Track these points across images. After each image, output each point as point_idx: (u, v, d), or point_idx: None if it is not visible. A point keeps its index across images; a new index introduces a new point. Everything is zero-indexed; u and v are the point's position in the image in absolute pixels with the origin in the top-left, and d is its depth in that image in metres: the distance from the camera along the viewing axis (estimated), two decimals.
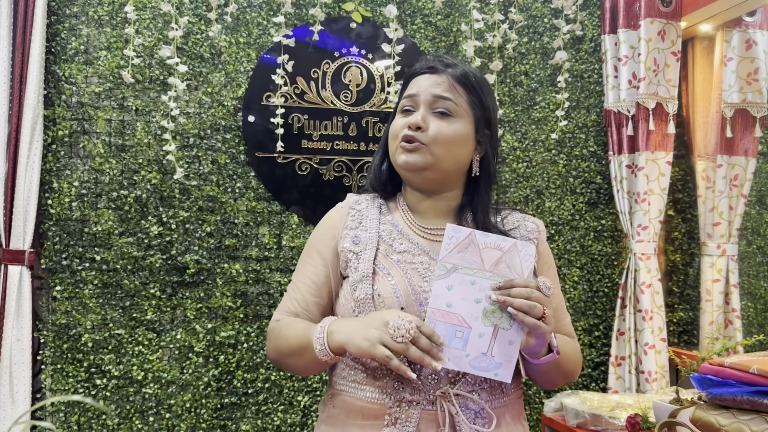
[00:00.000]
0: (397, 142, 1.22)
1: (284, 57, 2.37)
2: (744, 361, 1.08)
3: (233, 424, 2.35)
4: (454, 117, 1.20)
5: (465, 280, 1.05)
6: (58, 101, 2.22)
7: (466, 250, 1.06)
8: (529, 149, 2.66)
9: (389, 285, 1.14)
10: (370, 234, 1.23)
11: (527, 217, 1.31)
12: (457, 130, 1.20)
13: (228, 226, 2.37)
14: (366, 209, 1.29)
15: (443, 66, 1.23)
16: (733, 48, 2.63)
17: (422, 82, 1.23)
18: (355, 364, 1.17)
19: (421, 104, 1.21)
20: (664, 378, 2.54)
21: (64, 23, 2.23)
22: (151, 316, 2.28)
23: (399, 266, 1.17)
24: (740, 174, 2.68)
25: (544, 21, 2.67)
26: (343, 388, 1.19)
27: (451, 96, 1.20)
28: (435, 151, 1.18)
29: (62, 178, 2.22)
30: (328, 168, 2.46)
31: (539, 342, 1.07)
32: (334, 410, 1.20)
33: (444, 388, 1.11)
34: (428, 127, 1.19)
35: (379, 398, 1.13)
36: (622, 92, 2.60)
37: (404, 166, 1.21)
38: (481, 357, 1.05)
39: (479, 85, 1.24)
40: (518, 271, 1.06)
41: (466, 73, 1.23)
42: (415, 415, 1.11)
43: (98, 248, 2.25)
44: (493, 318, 1.05)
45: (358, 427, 1.15)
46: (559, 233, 2.68)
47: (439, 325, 1.05)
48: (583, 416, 2.02)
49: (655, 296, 2.57)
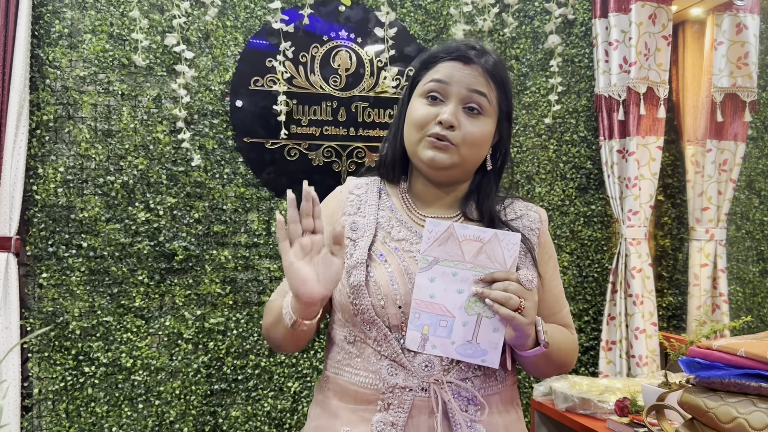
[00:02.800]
0: (423, 134, 1.17)
1: (285, 44, 2.36)
2: (732, 344, 1.08)
3: (223, 410, 2.35)
4: (483, 116, 1.17)
5: (447, 271, 1.08)
6: (43, 86, 2.19)
7: (446, 243, 1.08)
8: (519, 134, 2.65)
9: (385, 272, 1.14)
10: (368, 220, 1.22)
11: (530, 206, 1.29)
12: (485, 131, 1.17)
13: (216, 213, 2.35)
14: (365, 194, 1.27)
15: (477, 55, 1.17)
16: (723, 32, 2.62)
17: (454, 71, 1.17)
18: (350, 348, 1.17)
19: (453, 97, 1.16)
20: (654, 362, 2.55)
21: (48, 6, 2.19)
22: (139, 303, 2.27)
23: (396, 254, 1.17)
24: (729, 159, 2.68)
25: (535, 5, 2.65)
26: (338, 372, 1.19)
27: (486, 91, 1.16)
28: (463, 152, 1.16)
29: (47, 164, 2.19)
30: (317, 154, 2.44)
31: (518, 334, 1.06)
32: (328, 393, 1.20)
33: (437, 376, 1.11)
34: (460, 125, 1.15)
35: (373, 383, 1.13)
36: (613, 77, 2.59)
37: (430, 163, 1.17)
38: (466, 344, 1.08)
39: (506, 77, 1.21)
40: (500, 261, 1.07)
41: (497, 65, 1.19)
42: (408, 401, 1.11)
43: (85, 235, 2.22)
44: (476, 307, 1.07)
45: (351, 411, 1.15)
46: (549, 219, 2.68)
47: (424, 315, 1.09)
48: (572, 400, 2.03)
49: (645, 281, 2.57)
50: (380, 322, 1.13)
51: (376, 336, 1.13)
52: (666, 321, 2.88)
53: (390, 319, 1.13)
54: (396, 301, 1.12)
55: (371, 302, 1.13)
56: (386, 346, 1.12)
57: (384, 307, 1.12)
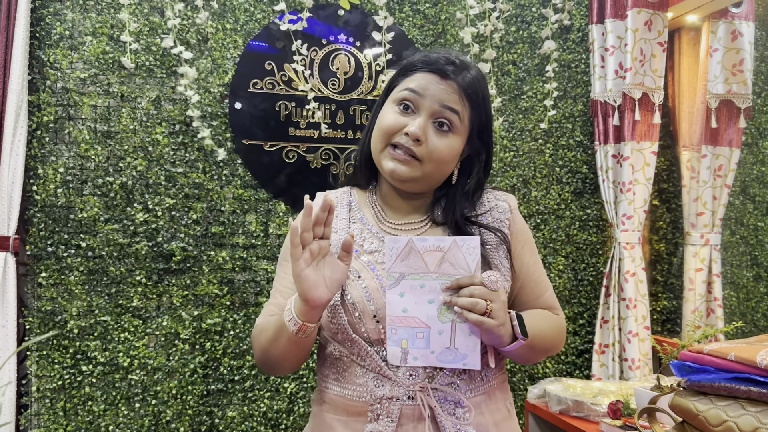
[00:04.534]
0: (388, 142, 1.17)
1: (297, 42, 2.38)
2: (722, 348, 1.10)
3: (219, 410, 2.36)
4: (452, 133, 1.16)
5: (414, 285, 1.09)
6: (43, 87, 2.20)
7: (409, 258, 1.09)
8: (516, 138, 2.67)
9: (360, 289, 1.15)
10: (340, 236, 1.22)
11: (498, 195, 1.29)
12: (453, 147, 1.17)
13: (215, 214, 2.36)
14: (336, 208, 1.26)
15: (455, 71, 1.16)
16: (718, 39, 2.65)
17: (429, 84, 1.16)
18: (337, 363, 1.19)
19: (424, 110, 1.15)
20: (647, 365, 2.57)
21: (49, 8, 2.20)
22: (137, 303, 2.28)
23: (369, 267, 1.17)
24: (724, 164, 2.71)
25: (532, 10, 2.67)
26: (328, 385, 1.21)
27: (459, 108, 1.15)
28: (426, 168, 1.16)
29: (47, 164, 2.21)
30: (315, 156, 2.46)
31: (490, 335, 1.07)
32: (323, 406, 1.22)
33: (422, 383, 1.13)
34: (426, 140, 1.14)
35: (360, 396, 1.15)
36: (609, 82, 2.61)
37: (391, 174, 1.17)
38: (445, 351, 1.10)
39: (483, 94, 1.19)
40: (463, 267, 1.08)
41: (474, 81, 1.17)
42: (396, 410, 1.13)
43: (84, 235, 2.23)
44: (448, 314, 1.09)
45: (343, 424, 1.17)
46: (545, 222, 2.70)
47: (400, 329, 1.10)
48: (565, 402, 2.05)
49: (639, 285, 2.59)
50: (359, 339, 1.14)
51: (358, 352, 1.15)
52: (660, 325, 2.90)
53: (369, 334, 1.14)
54: (373, 316, 1.13)
55: (348, 320, 1.14)
56: (369, 361, 1.14)
57: (362, 324, 1.14)
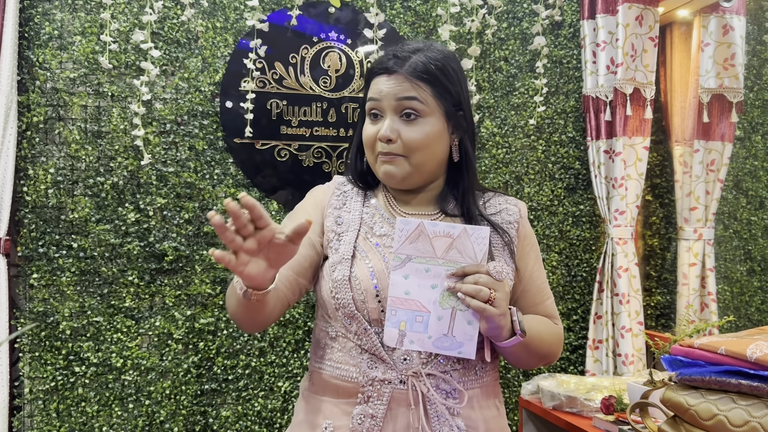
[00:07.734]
0: (375, 154, 1.21)
1: (257, 41, 2.34)
2: (713, 342, 1.10)
3: (213, 410, 2.35)
4: (422, 117, 1.17)
5: (420, 268, 1.10)
6: (33, 87, 2.19)
7: (418, 240, 1.10)
8: (508, 135, 2.67)
9: (366, 268, 1.17)
10: (353, 216, 1.25)
11: (509, 200, 1.31)
12: (429, 131, 1.18)
13: (206, 213, 2.35)
14: (351, 191, 1.30)
15: (399, 62, 1.17)
16: (710, 33, 2.65)
17: (382, 85, 1.19)
18: (332, 343, 1.20)
19: (387, 110, 1.18)
20: (640, 361, 2.57)
21: (38, 8, 2.19)
22: (129, 303, 2.27)
23: (377, 249, 1.20)
24: (717, 159, 2.71)
25: (523, 6, 2.66)
26: (320, 366, 1.23)
27: (415, 94, 1.16)
28: (413, 159, 1.18)
29: (38, 165, 2.20)
30: (307, 154, 2.45)
31: (491, 325, 1.08)
32: (312, 387, 1.24)
33: (416, 368, 1.14)
34: (399, 135, 1.17)
35: (353, 377, 1.16)
36: (600, 78, 2.61)
37: (386, 178, 1.21)
38: (443, 338, 1.11)
39: (443, 72, 1.18)
40: (470, 255, 1.09)
41: (426, 63, 1.17)
42: (387, 393, 1.14)
43: (75, 235, 2.23)
44: (450, 301, 1.10)
45: (333, 404, 1.19)
46: (537, 218, 2.70)
47: (400, 311, 1.11)
48: (558, 398, 2.05)
49: (632, 280, 2.59)
50: (360, 317, 1.15)
51: (356, 330, 1.16)
52: (654, 320, 2.91)
53: (370, 313, 1.16)
54: (376, 296, 1.15)
55: (352, 296, 1.16)
56: (366, 340, 1.15)
57: (364, 302, 1.15)
